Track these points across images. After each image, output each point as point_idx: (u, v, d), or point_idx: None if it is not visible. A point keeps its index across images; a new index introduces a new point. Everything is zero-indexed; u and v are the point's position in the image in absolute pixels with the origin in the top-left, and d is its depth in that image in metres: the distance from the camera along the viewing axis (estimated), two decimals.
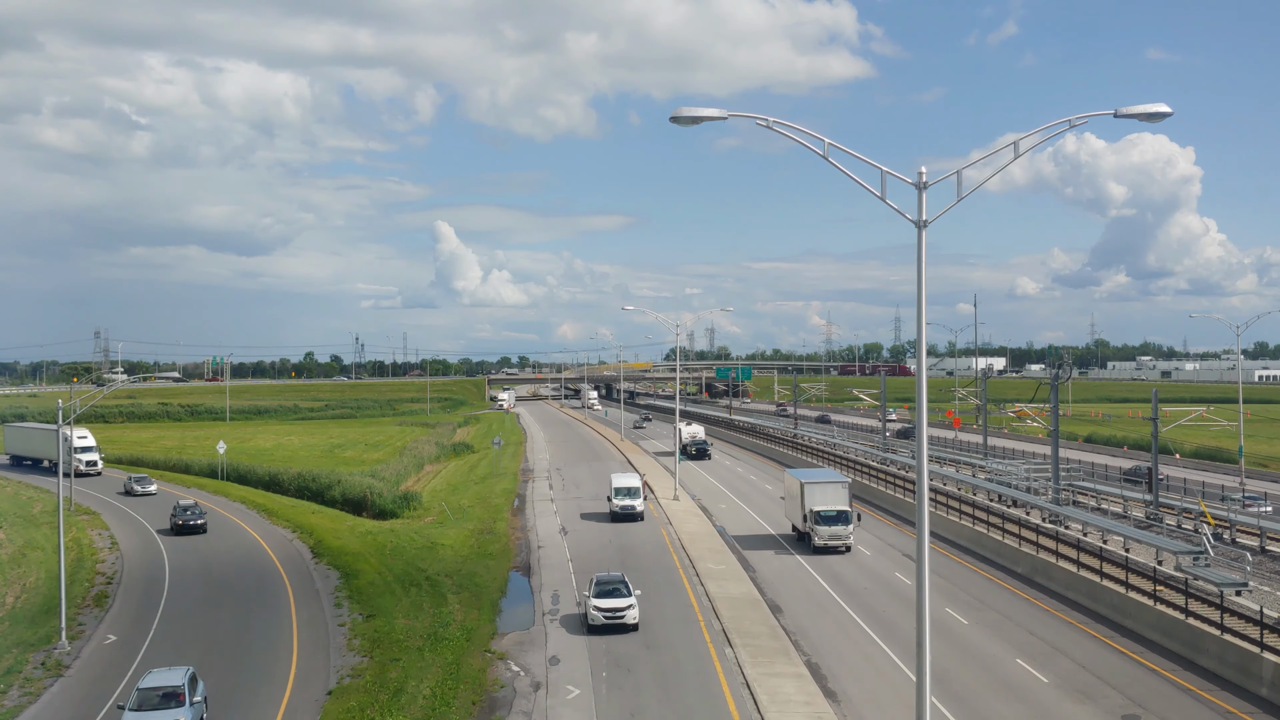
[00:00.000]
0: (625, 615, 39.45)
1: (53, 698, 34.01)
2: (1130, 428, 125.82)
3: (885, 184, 20.67)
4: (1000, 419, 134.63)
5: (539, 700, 32.32)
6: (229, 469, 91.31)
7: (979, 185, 20.85)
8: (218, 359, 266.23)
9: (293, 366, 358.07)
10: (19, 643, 39.80)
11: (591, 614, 39.48)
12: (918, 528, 21.11)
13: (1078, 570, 43.88)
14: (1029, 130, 20.84)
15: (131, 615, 44.17)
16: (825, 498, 55.75)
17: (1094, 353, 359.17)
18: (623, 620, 39.28)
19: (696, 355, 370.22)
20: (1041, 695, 32.54)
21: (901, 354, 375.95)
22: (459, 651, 37.04)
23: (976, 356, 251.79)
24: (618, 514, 63.94)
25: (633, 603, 39.80)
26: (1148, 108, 20.28)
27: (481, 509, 70.08)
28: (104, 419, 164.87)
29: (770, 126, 20.54)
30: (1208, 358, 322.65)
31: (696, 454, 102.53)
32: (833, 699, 32.35)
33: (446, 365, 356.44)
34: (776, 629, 39.91)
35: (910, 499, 66.04)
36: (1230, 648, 33.15)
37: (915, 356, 21.38)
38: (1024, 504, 60.83)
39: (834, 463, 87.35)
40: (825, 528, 54.36)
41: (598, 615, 39.34)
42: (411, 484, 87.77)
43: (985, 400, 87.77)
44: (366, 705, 31.47)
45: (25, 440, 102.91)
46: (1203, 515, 52.02)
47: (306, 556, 55.19)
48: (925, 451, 21.14)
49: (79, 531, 62.08)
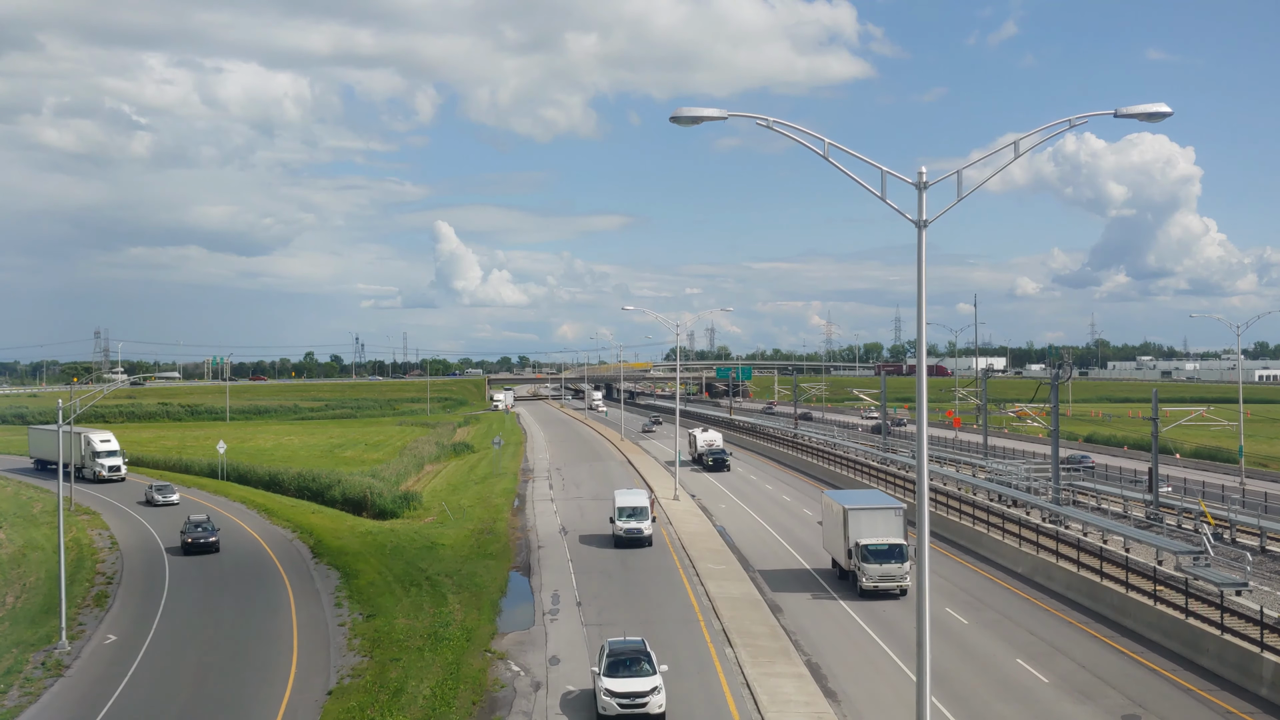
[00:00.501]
0: (648, 703, 29.76)
1: (53, 698, 34.01)
2: (1130, 427, 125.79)
3: (885, 184, 20.68)
4: (1000, 419, 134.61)
5: (539, 700, 32.32)
6: (229, 469, 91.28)
7: (979, 185, 20.86)
8: (218, 359, 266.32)
9: (293, 366, 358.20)
10: (19, 643, 39.80)
11: (603, 701, 30.00)
12: (918, 528, 21.10)
13: (1078, 570, 43.87)
14: (1029, 130, 20.87)
15: (132, 615, 44.17)
16: (875, 527, 45.83)
17: (1094, 353, 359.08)
18: (644, 710, 29.73)
19: (697, 355, 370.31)
20: (1042, 695, 32.53)
21: (902, 354, 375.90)
22: (459, 651, 37.04)
23: (977, 356, 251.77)
24: (622, 539, 55.75)
25: (657, 684, 30.21)
26: (1148, 108, 20.29)
27: (481, 509, 70.07)
28: (104, 419, 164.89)
29: (770, 126, 20.54)
30: (1208, 358, 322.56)
31: (714, 465, 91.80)
32: (833, 699, 32.35)
33: (447, 365, 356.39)
34: (776, 629, 39.90)
35: (910, 499, 65.99)
36: (1230, 647, 33.14)
37: (915, 356, 21.38)
38: (1024, 504, 60.81)
39: (834, 462, 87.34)
40: (875, 566, 44.53)
41: (611, 704, 29.76)
42: (411, 484, 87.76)
43: (985, 400, 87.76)
44: (367, 705, 31.48)
45: (48, 443, 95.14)
46: (1203, 515, 52.02)
47: (306, 556, 55.18)
48: (925, 452, 21.14)
49: (79, 531, 62.07)
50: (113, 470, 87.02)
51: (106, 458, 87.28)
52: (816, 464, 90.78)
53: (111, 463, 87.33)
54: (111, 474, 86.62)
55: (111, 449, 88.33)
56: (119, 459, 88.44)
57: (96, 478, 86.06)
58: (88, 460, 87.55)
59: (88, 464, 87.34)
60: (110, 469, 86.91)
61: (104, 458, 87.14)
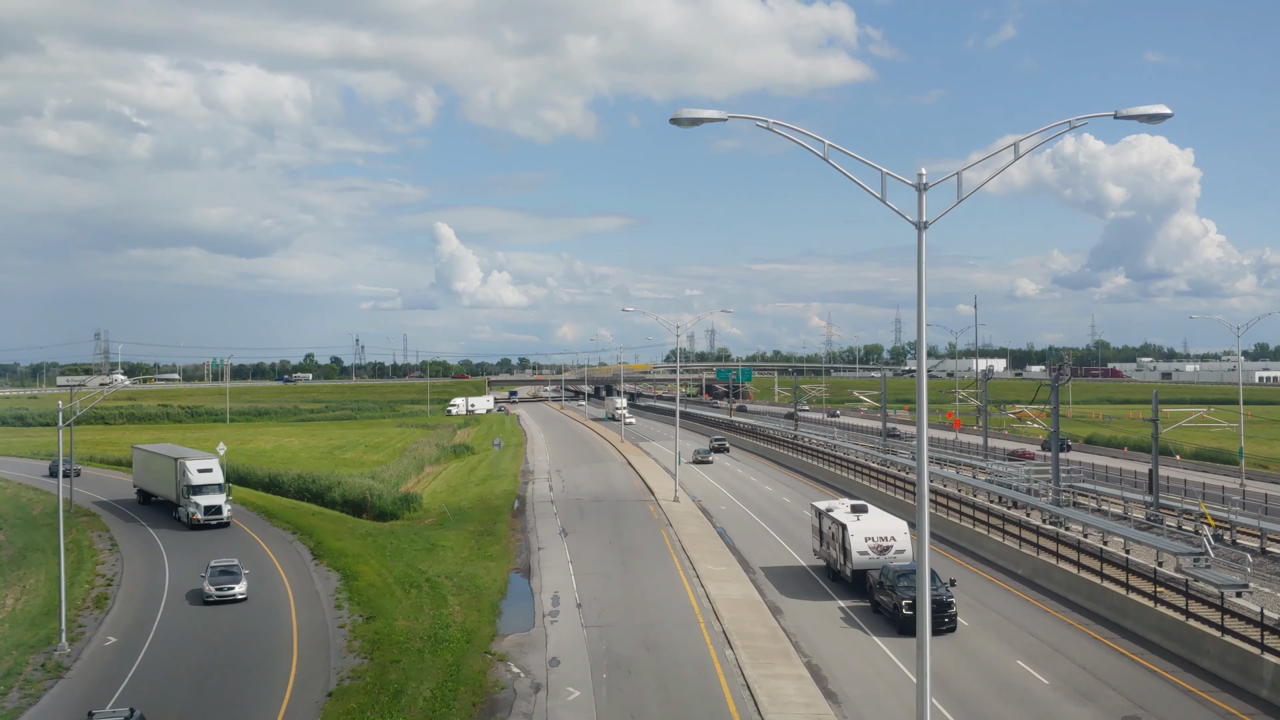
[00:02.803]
0: None
1: (53, 699, 33.99)
2: (1131, 429, 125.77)
3: (885, 185, 20.67)
4: (1000, 420, 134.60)
5: (539, 702, 32.30)
6: (229, 470, 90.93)
7: (979, 187, 20.85)
8: (218, 360, 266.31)
9: (293, 368, 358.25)
10: (19, 644, 39.78)
11: None
12: (918, 529, 21.09)
13: (1078, 572, 43.85)
14: (1028, 132, 20.86)
15: (132, 617, 44.14)
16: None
17: (1094, 354, 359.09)
18: None
19: (697, 356, 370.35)
20: (1042, 696, 32.51)
21: (902, 355, 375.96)
22: (459, 653, 37.02)
23: (977, 358, 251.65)
24: None
25: None
26: (1149, 109, 20.29)
27: (481, 510, 70.06)
28: (104, 420, 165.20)
29: (770, 128, 20.53)
30: (1208, 359, 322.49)
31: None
32: (833, 700, 32.33)
33: (447, 367, 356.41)
34: (777, 630, 39.88)
35: (910, 500, 66.00)
36: (1231, 649, 33.12)
37: (915, 358, 21.36)
38: (1024, 505, 60.80)
39: (833, 463, 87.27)
40: None
41: None
42: (411, 485, 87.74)
43: (986, 401, 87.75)
44: (367, 707, 31.46)
45: (145, 470, 75.19)
46: (1203, 517, 52.00)
47: (306, 558, 55.16)
48: (925, 453, 21.13)
49: (79, 534, 62.01)
50: (210, 512, 63.54)
51: (201, 494, 64.42)
52: (816, 465, 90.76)
53: (209, 501, 64.12)
54: (209, 516, 63.38)
55: (210, 481, 65.38)
56: (220, 496, 64.90)
57: (190, 521, 63.64)
58: (182, 496, 65.58)
59: (182, 501, 65.60)
60: (207, 510, 63.61)
61: (200, 494, 64.43)
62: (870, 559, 43.74)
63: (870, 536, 44.21)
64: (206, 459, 67.90)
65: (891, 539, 44.19)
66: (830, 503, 50.63)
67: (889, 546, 44.01)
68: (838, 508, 48.45)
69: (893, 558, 43.34)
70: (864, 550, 43.65)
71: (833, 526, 46.95)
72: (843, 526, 42.75)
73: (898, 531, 44.74)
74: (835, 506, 48.92)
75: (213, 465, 66.87)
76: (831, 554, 47.66)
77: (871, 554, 43.85)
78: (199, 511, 63.41)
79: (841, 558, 45.55)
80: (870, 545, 44.07)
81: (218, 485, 65.52)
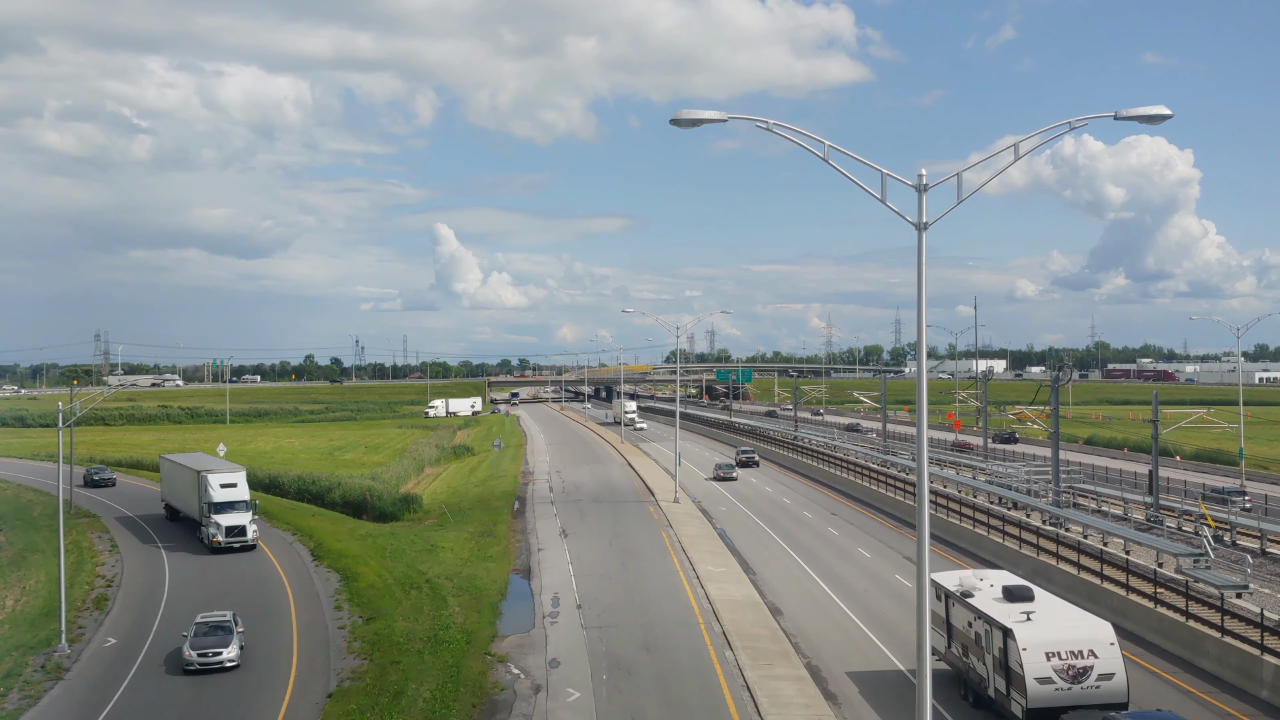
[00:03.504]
0: None
1: (53, 700, 33.96)
2: (1131, 430, 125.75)
3: (885, 186, 20.65)
4: (1000, 421, 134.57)
5: (539, 703, 32.29)
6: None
7: (979, 188, 20.84)
8: (218, 361, 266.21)
9: (293, 369, 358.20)
10: (19, 645, 39.75)
11: None
12: (918, 530, 21.08)
13: (1078, 572, 43.83)
14: (1028, 133, 20.84)
15: (132, 618, 44.12)
16: None
17: (1094, 355, 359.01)
18: None
19: (697, 357, 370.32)
20: None
21: (902, 356, 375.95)
22: (459, 654, 37.01)
23: (977, 359, 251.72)
24: None
25: None
26: (1148, 110, 20.28)
27: (481, 511, 70.05)
28: (104, 421, 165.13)
29: (770, 129, 20.53)
30: (1208, 360, 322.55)
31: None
32: (833, 701, 32.31)
33: (447, 368, 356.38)
34: (776, 632, 39.86)
35: (910, 501, 65.98)
36: (1231, 650, 33.11)
37: (916, 358, 21.36)
38: (1024, 506, 60.78)
39: (833, 464, 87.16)
40: None
41: None
42: (411, 486, 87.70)
43: (985, 402, 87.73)
44: (366, 708, 31.45)
45: (170, 482, 68.48)
46: (1203, 518, 51.97)
47: (306, 559, 55.12)
48: (925, 454, 21.11)
49: (79, 535, 61.98)
50: (233, 533, 56.46)
51: (224, 512, 57.08)
52: (816, 466, 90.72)
53: (232, 520, 56.77)
54: (231, 539, 56.29)
55: (235, 498, 57.91)
56: (246, 515, 57.41)
57: (210, 543, 56.74)
58: (203, 515, 58.47)
59: (204, 521, 58.49)
60: (229, 531, 56.49)
61: (222, 513, 57.10)
62: (1060, 692, 27.48)
63: (1055, 651, 27.79)
64: (231, 471, 60.52)
65: (1091, 654, 27.92)
66: (961, 576, 33.70)
67: (1088, 669, 27.71)
68: (980, 587, 32.39)
69: (1094, 686, 27.54)
70: (1046, 676, 27.68)
71: (978, 624, 30.58)
72: (1005, 632, 28.76)
73: (1098, 641, 28.28)
74: (973, 584, 32.63)
75: (238, 479, 59.14)
76: (973, 665, 31.02)
77: (1060, 681, 27.53)
78: (220, 533, 56.24)
79: (1002, 680, 29.01)
80: (1058, 668, 27.62)
81: (244, 503, 58.01)
